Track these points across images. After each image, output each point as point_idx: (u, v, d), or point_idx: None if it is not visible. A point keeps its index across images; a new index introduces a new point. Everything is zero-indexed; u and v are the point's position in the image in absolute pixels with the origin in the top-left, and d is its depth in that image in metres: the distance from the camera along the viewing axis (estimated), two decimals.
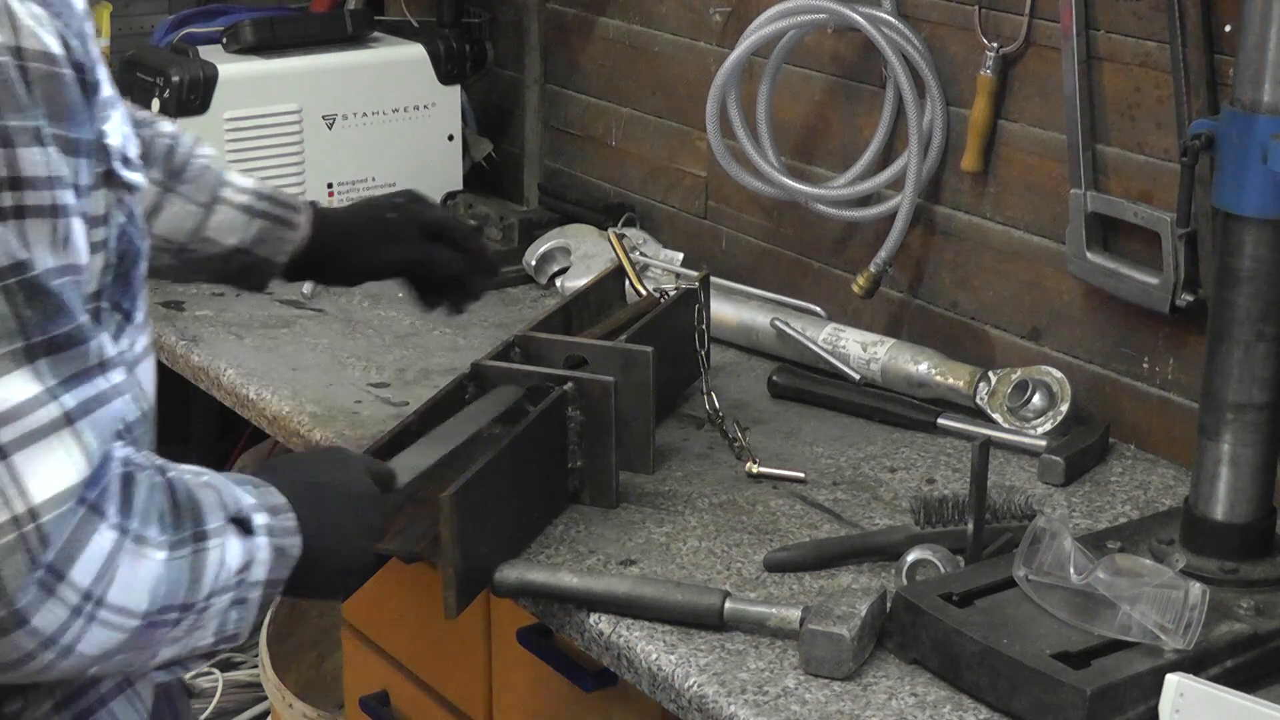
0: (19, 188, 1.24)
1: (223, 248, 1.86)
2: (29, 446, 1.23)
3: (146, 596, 1.29)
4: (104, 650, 1.28)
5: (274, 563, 1.41)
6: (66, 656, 1.27)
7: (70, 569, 1.24)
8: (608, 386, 1.90)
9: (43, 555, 1.23)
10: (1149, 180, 2.03)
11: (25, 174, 1.25)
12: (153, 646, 1.33)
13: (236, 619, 1.39)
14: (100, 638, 1.27)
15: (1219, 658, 1.57)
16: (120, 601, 1.27)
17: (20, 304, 1.24)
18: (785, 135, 2.45)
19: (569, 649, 1.81)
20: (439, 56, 2.87)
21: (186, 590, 1.32)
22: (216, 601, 1.36)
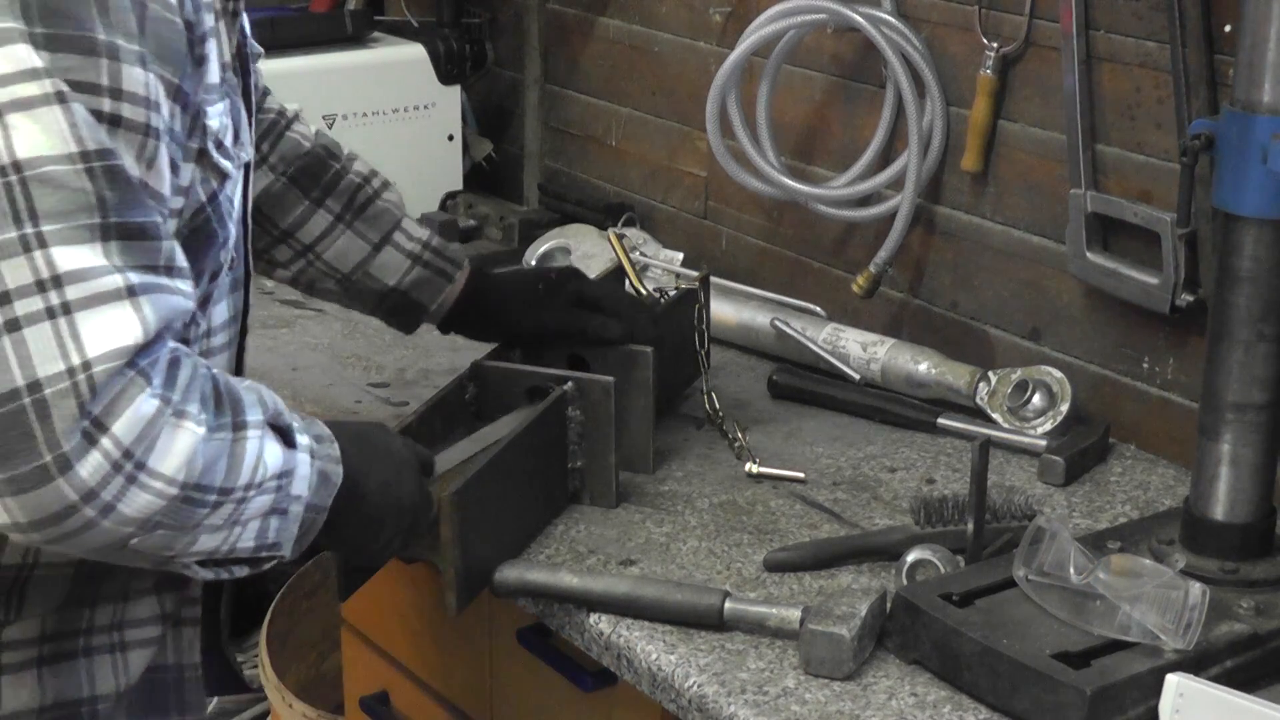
0: (118, 98, 1.34)
1: (381, 285, 1.98)
2: (91, 308, 1.30)
3: (184, 466, 1.35)
4: (144, 514, 1.34)
5: (317, 485, 1.48)
6: (107, 514, 1.32)
7: (113, 423, 1.30)
8: (608, 386, 1.90)
9: (90, 405, 1.29)
10: (1149, 180, 2.03)
11: (125, 88, 1.34)
12: (191, 528, 1.38)
13: (277, 528, 1.45)
14: (140, 500, 1.33)
15: (1219, 658, 1.57)
16: (158, 466, 1.33)
17: (102, 184, 1.32)
18: (785, 135, 2.45)
19: (569, 649, 1.81)
20: (439, 56, 2.87)
21: (224, 474, 1.38)
22: (255, 499, 1.42)
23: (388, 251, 1.97)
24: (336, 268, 1.97)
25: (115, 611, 1.54)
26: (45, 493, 1.30)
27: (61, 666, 1.51)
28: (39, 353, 1.29)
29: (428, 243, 2.00)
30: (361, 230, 1.96)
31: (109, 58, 1.33)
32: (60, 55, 1.31)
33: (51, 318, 1.30)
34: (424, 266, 1.99)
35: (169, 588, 1.58)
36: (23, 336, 1.29)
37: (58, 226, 1.30)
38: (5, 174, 1.30)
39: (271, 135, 1.95)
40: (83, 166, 1.31)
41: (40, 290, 1.30)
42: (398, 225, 1.98)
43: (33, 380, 1.29)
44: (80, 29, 1.32)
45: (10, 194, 1.30)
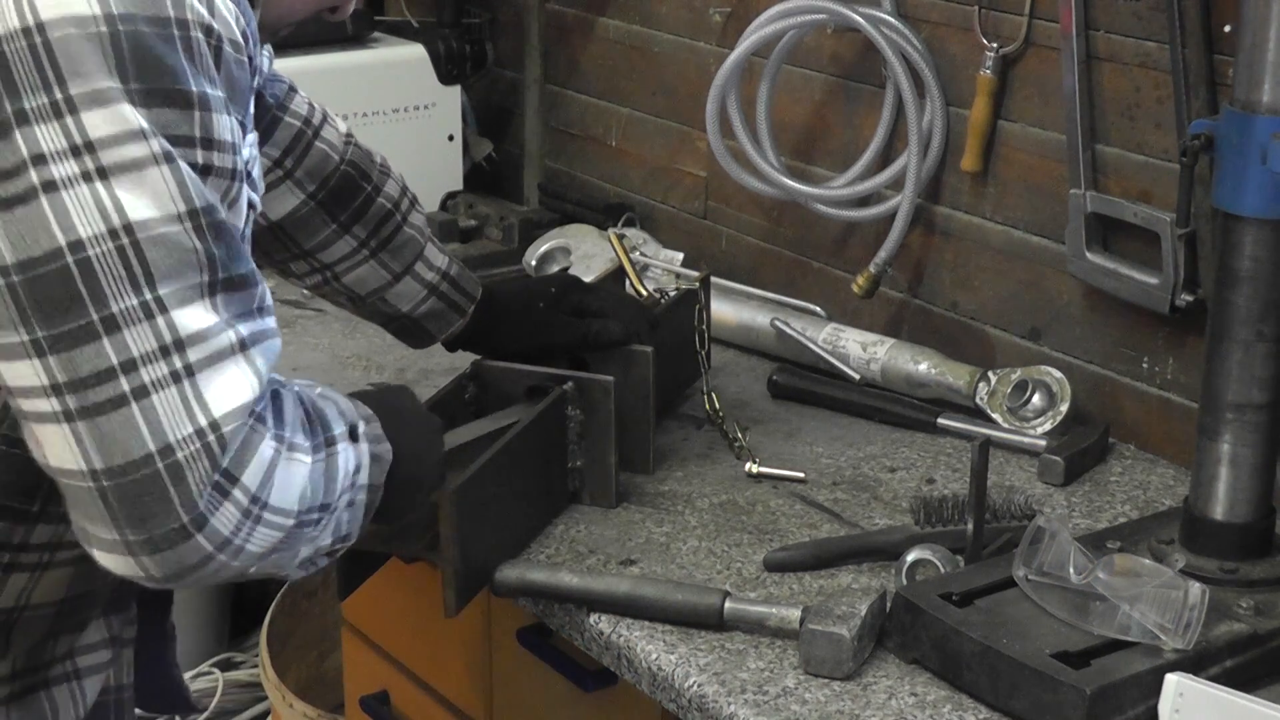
0: (209, 148, 1.35)
1: (395, 310, 2.00)
2: (211, 367, 1.34)
3: (298, 499, 1.40)
4: (266, 549, 1.38)
5: (373, 467, 1.52)
6: (237, 557, 1.36)
7: (242, 474, 1.34)
8: (608, 386, 1.90)
9: (221, 461, 1.33)
10: (1149, 180, 2.03)
11: (216, 137, 1.36)
12: (296, 545, 1.43)
13: (348, 520, 1.49)
14: (264, 537, 1.37)
15: (1218, 658, 1.57)
16: (279, 503, 1.38)
17: (209, 241, 1.34)
18: (785, 135, 2.45)
19: (569, 649, 1.81)
20: (439, 56, 2.87)
21: (325, 492, 1.43)
22: (341, 502, 1.46)
23: (406, 282, 1.98)
24: (354, 290, 1.98)
25: (70, 640, 1.55)
26: (184, 549, 1.32)
27: (27, 700, 1.52)
28: (168, 417, 1.31)
29: (446, 273, 2.00)
30: (384, 260, 1.97)
31: (201, 109, 1.34)
32: (158, 110, 1.31)
33: (177, 382, 1.31)
34: (439, 298, 1.99)
35: (115, 610, 1.59)
36: (152, 403, 1.30)
37: (174, 288, 1.32)
38: (117, 237, 1.30)
39: (297, 148, 1.93)
40: (191, 225, 1.33)
41: (164, 356, 1.31)
42: (420, 255, 1.98)
43: (164, 445, 1.30)
44: (175, 82, 1.32)
45: (125, 258, 1.30)
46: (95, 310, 1.30)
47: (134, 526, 1.31)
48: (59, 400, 1.30)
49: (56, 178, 1.29)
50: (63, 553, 1.48)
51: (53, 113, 1.29)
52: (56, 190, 1.29)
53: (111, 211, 1.30)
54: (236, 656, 3.18)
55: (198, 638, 3.15)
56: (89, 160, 1.29)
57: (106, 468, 1.30)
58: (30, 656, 1.52)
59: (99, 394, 1.30)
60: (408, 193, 2.00)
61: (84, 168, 1.29)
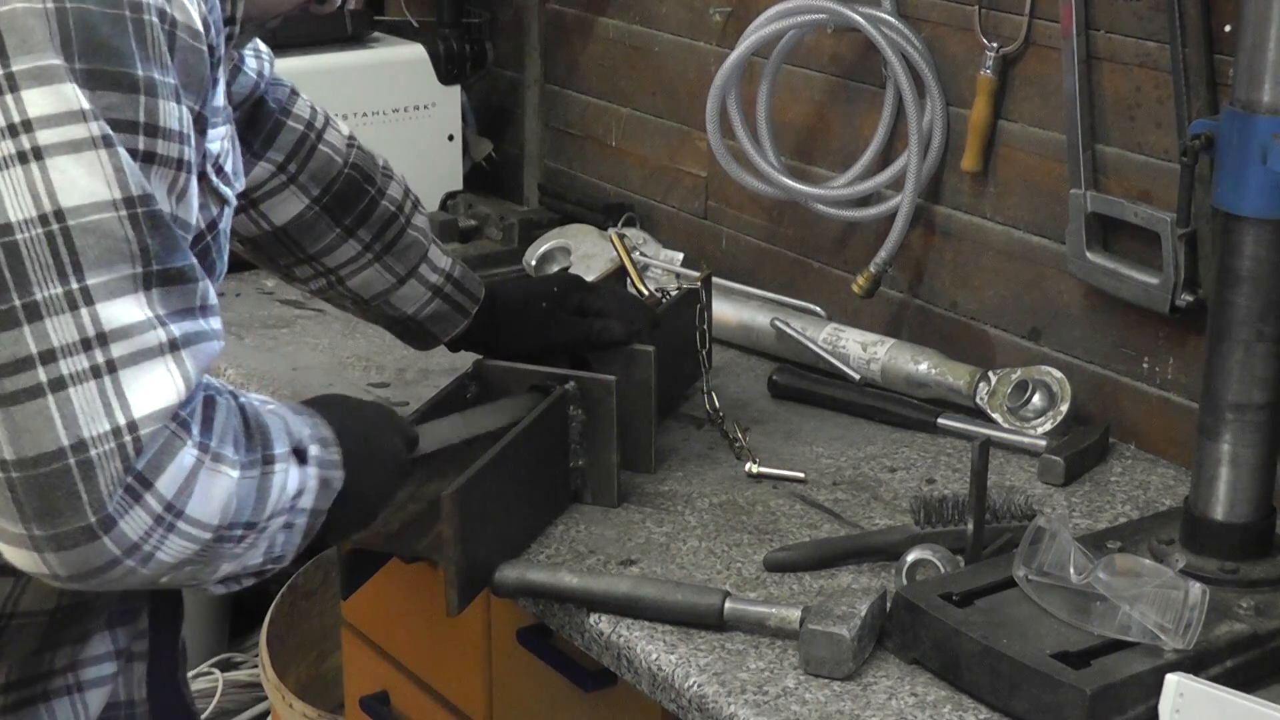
0: (153, 135, 1.33)
1: (399, 313, 1.99)
2: (135, 365, 1.30)
3: (219, 511, 1.36)
4: (178, 559, 1.35)
5: (319, 492, 1.49)
6: (146, 564, 1.33)
7: (157, 479, 1.31)
8: (609, 385, 1.90)
9: (135, 464, 1.29)
10: (1149, 180, 2.03)
11: (161, 124, 1.33)
12: (217, 560, 1.40)
13: (284, 541, 1.46)
14: (176, 547, 1.34)
15: (1219, 658, 1.57)
16: (197, 514, 1.34)
17: (144, 232, 1.31)
18: (785, 135, 2.45)
19: (569, 649, 1.81)
20: (439, 56, 2.87)
21: (252, 509, 1.40)
22: (273, 523, 1.43)
23: (410, 285, 1.97)
24: (359, 294, 1.97)
25: (72, 652, 1.53)
26: (89, 550, 1.30)
27: (24, 713, 1.51)
28: (84, 412, 1.28)
29: (450, 274, 1.99)
30: (389, 264, 1.96)
31: (147, 94, 1.32)
32: (101, 93, 1.29)
33: (96, 376, 1.29)
34: (443, 300, 1.99)
35: (121, 623, 1.58)
36: (68, 395, 1.28)
37: (102, 279, 1.29)
38: (48, 223, 1.28)
39: (300, 152, 1.91)
40: (126, 214, 1.30)
41: (86, 349, 1.28)
42: (424, 257, 1.98)
43: (78, 440, 1.28)
44: (120, 65, 1.30)
45: (53, 245, 1.28)
46: (18, 296, 1.27)
47: (40, 522, 1.28)
48: None
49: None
50: None
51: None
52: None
53: (44, 195, 1.27)
54: (236, 656, 3.18)
55: (198, 638, 3.15)
56: (25, 140, 1.27)
57: (17, 459, 1.27)
58: (26, 666, 1.50)
59: (15, 383, 1.27)
60: (410, 195, 2.00)
61: (19, 147, 1.27)
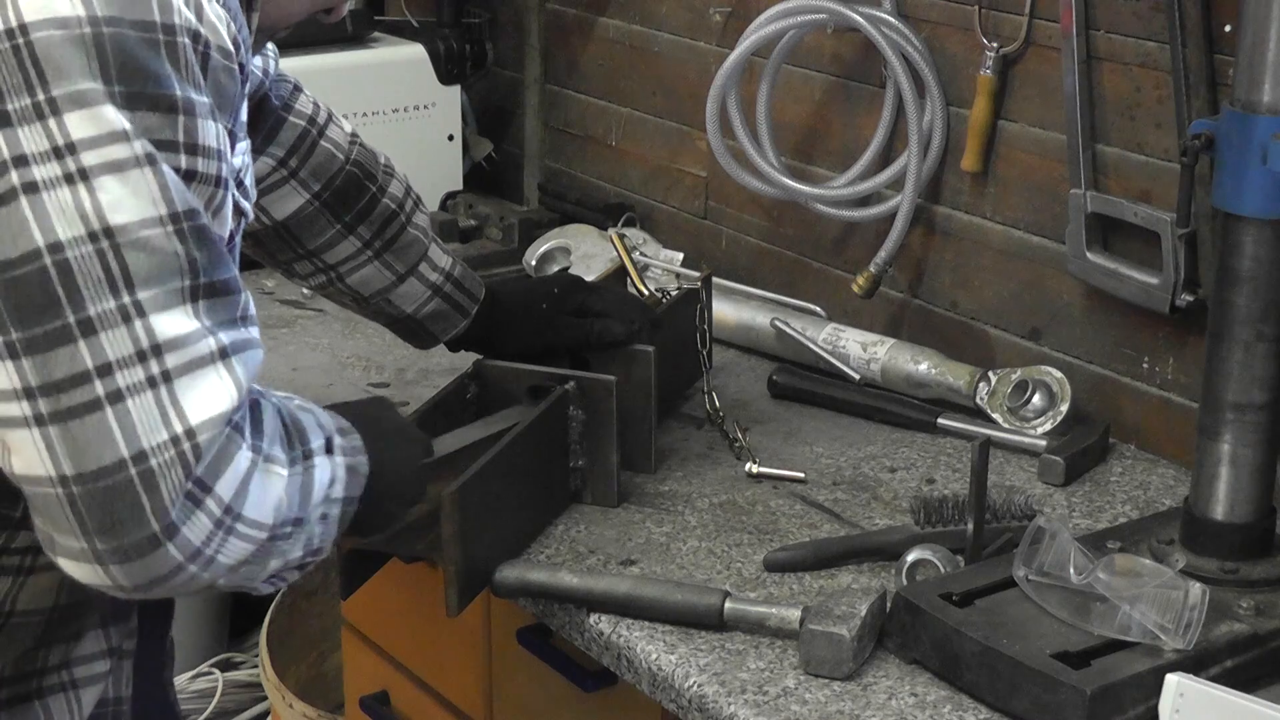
0: (194, 153, 1.34)
1: (399, 311, 2.00)
2: (190, 374, 1.32)
3: (272, 511, 1.38)
4: (237, 561, 1.37)
5: (349, 480, 1.50)
6: (207, 568, 1.34)
7: (216, 484, 1.33)
8: (609, 385, 1.90)
9: (195, 470, 1.31)
10: (1149, 180, 2.03)
11: (200, 142, 1.35)
12: (268, 559, 1.41)
13: (321, 533, 1.47)
14: (236, 549, 1.36)
15: (1219, 658, 1.57)
16: (253, 515, 1.36)
17: (191, 246, 1.33)
18: (785, 135, 2.45)
19: (569, 649, 1.81)
20: (439, 56, 2.87)
21: (299, 506, 1.42)
22: (314, 515, 1.45)
23: (410, 283, 1.97)
24: (358, 291, 1.97)
25: (66, 650, 1.54)
26: (153, 559, 1.31)
27: (20, 709, 1.51)
28: (143, 423, 1.29)
29: (450, 273, 1.99)
30: (389, 261, 1.96)
31: (185, 114, 1.33)
32: (141, 114, 1.30)
33: (153, 388, 1.30)
34: (443, 299, 1.99)
35: (114, 622, 1.58)
36: (126, 408, 1.29)
37: (153, 293, 1.30)
38: (97, 240, 1.29)
39: (301, 148, 1.92)
40: (173, 229, 1.31)
41: (141, 361, 1.30)
42: (424, 255, 1.98)
43: (138, 451, 1.29)
44: (158, 87, 1.31)
45: (104, 261, 1.29)
46: (72, 313, 1.28)
47: (103, 535, 1.29)
48: (31, 404, 1.28)
49: (38, 179, 1.28)
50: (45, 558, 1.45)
51: (35, 114, 1.28)
52: (37, 192, 1.28)
53: (91, 214, 1.29)
54: (236, 656, 3.18)
55: (198, 638, 3.15)
56: (70, 162, 1.28)
57: (77, 473, 1.28)
58: (21, 664, 1.51)
59: (72, 398, 1.28)
60: (411, 193, 2.00)
61: (65, 169, 1.28)
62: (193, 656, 3.10)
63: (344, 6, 1.64)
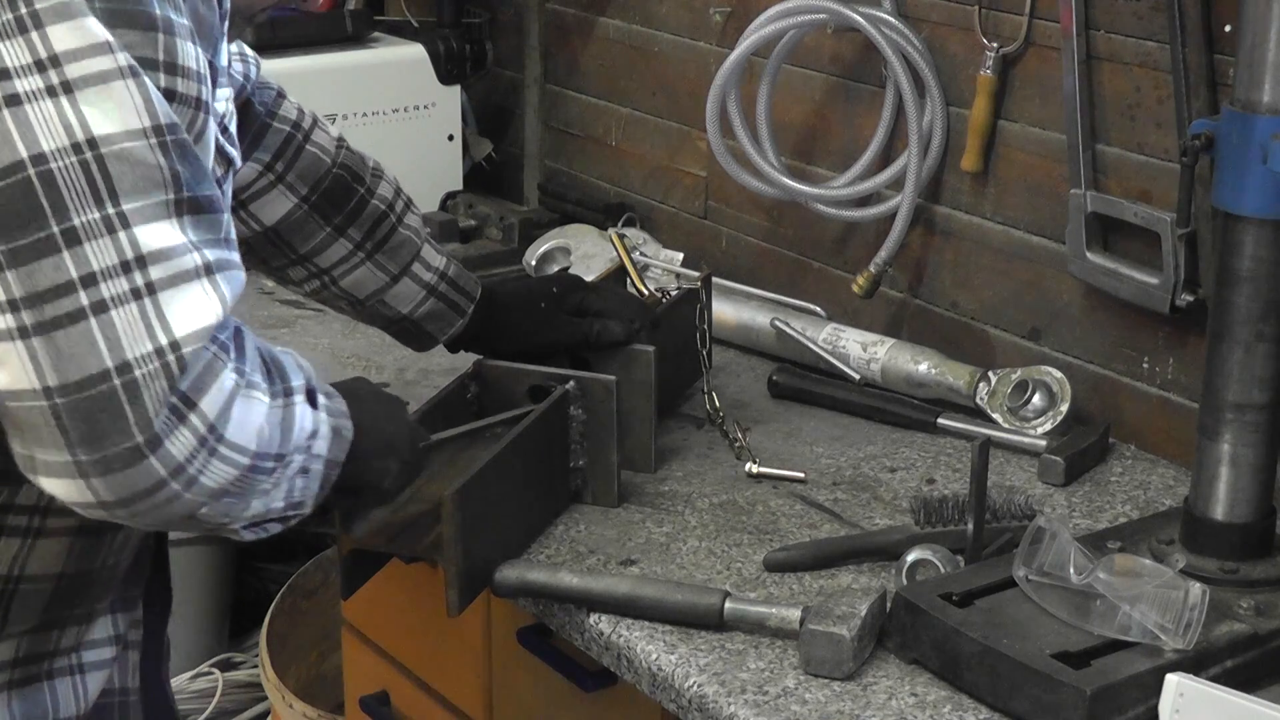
0: (173, 72, 1.34)
1: (395, 313, 1.99)
2: (175, 287, 1.31)
3: (254, 438, 1.37)
4: (219, 485, 1.35)
5: (332, 440, 1.50)
6: (189, 487, 1.33)
7: (201, 399, 1.32)
8: (610, 385, 1.90)
9: (180, 383, 1.30)
10: (1149, 180, 2.03)
11: (179, 62, 1.35)
12: (248, 494, 1.40)
13: (302, 486, 1.46)
14: (218, 471, 1.35)
15: (1219, 658, 1.57)
16: (235, 439, 1.35)
17: (174, 159, 1.32)
18: (785, 135, 2.45)
19: (569, 649, 1.81)
20: (439, 56, 2.87)
21: (280, 440, 1.41)
22: (293, 460, 1.44)
23: (404, 283, 1.97)
24: (352, 294, 1.97)
25: (78, 633, 1.54)
26: (136, 471, 1.30)
27: (28, 690, 1.52)
28: (127, 334, 1.29)
29: (444, 273, 1.99)
30: (381, 262, 1.96)
31: (165, 32, 1.34)
32: (121, 31, 1.31)
33: (138, 299, 1.30)
34: (438, 299, 1.99)
35: (121, 609, 1.59)
36: (110, 319, 1.28)
37: (138, 204, 1.30)
38: (81, 151, 1.29)
39: (287, 152, 1.92)
40: (156, 141, 1.31)
41: (125, 271, 1.29)
42: (417, 255, 1.98)
43: (122, 362, 1.28)
44: (138, 4, 1.32)
45: (88, 172, 1.29)
46: (56, 223, 1.28)
47: (86, 446, 1.28)
48: (14, 316, 1.28)
49: (20, 91, 1.28)
50: (54, 519, 1.46)
51: (17, 28, 1.28)
52: (20, 104, 1.28)
53: (75, 125, 1.29)
54: (236, 656, 3.17)
55: (198, 638, 3.14)
56: (54, 74, 1.29)
57: (61, 384, 1.27)
58: (35, 643, 1.51)
59: (56, 308, 1.28)
60: (402, 194, 2.00)
61: (48, 82, 1.29)
62: (193, 656, 3.10)
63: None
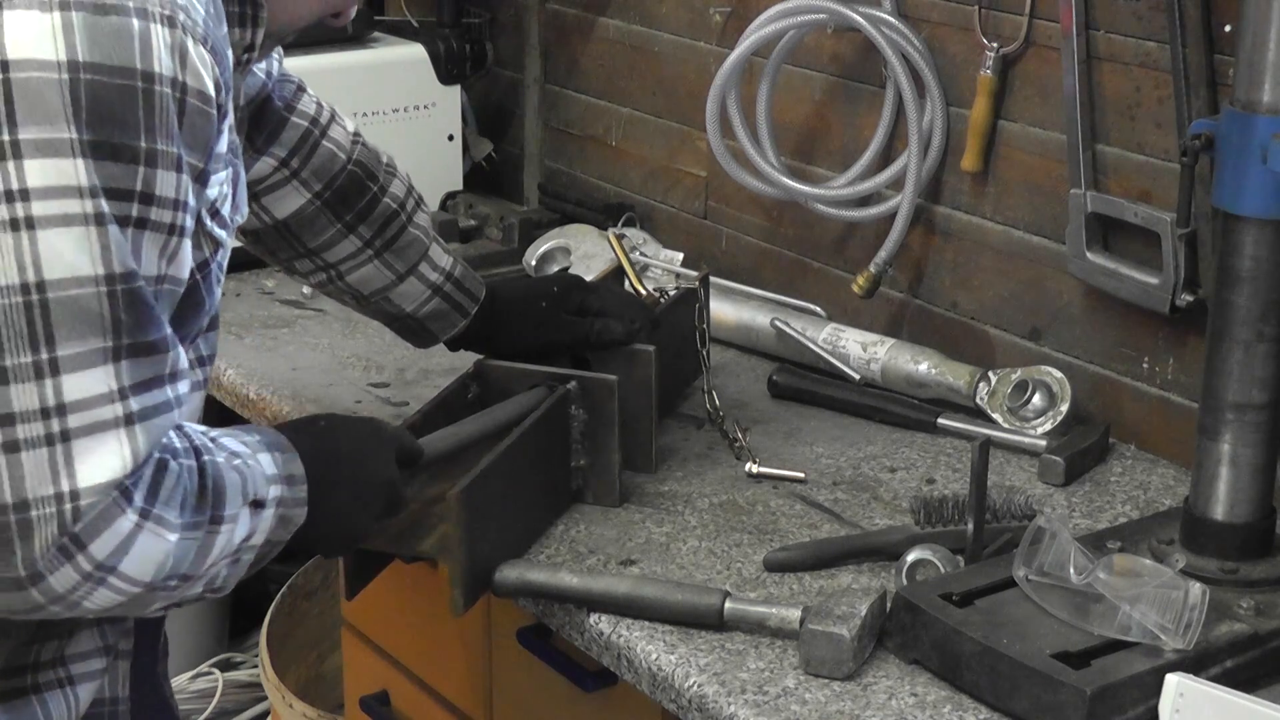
0: (148, 203, 1.37)
1: (399, 310, 2.01)
2: (89, 436, 1.35)
3: (154, 570, 1.41)
4: (106, 606, 1.41)
5: (275, 528, 1.52)
6: (72, 609, 1.40)
7: (91, 542, 1.36)
8: (611, 385, 1.90)
9: (70, 528, 1.35)
10: (1149, 180, 2.03)
11: (157, 193, 1.37)
12: (149, 604, 1.46)
13: (225, 575, 1.50)
14: (104, 598, 1.40)
15: (1219, 658, 1.57)
16: (131, 572, 1.39)
17: (120, 309, 1.36)
18: (785, 135, 2.45)
19: (569, 649, 1.81)
20: (439, 56, 2.87)
21: (191, 564, 1.44)
22: (211, 570, 1.47)
23: (410, 282, 1.98)
24: (358, 290, 1.99)
25: (58, 646, 1.55)
26: (16, 596, 1.37)
27: (15, 704, 1.53)
28: (32, 475, 1.34)
29: (450, 273, 2.00)
30: (389, 260, 1.97)
31: (147, 165, 1.36)
32: (102, 163, 1.33)
33: (49, 444, 1.34)
34: (443, 299, 2.00)
35: (109, 620, 1.59)
36: (19, 459, 1.33)
37: (71, 352, 1.34)
38: (28, 292, 1.32)
39: (303, 148, 1.93)
40: (105, 290, 1.35)
41: (44, 417, 1.34)
42: (424, 255, 1.99)
43: (21, 500, 1.33)
44: (124, 137, 1.34)
45: (30, 315, 1.33)
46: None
47: None
48: None
49: None
50: None
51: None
52: None
53: (29, 265, 1.32)
54: (236, 656, 3.17)
55: (198, 638, 3.15)
56: (20, 208, 1.32)
57: None
58: (14, 657, 1.52)
59: None
60: (413, 193, 2.01)
61: (13, 214, 1.32)
62: (193, 656, 3.10)
63: (351, 10, 1.65)
